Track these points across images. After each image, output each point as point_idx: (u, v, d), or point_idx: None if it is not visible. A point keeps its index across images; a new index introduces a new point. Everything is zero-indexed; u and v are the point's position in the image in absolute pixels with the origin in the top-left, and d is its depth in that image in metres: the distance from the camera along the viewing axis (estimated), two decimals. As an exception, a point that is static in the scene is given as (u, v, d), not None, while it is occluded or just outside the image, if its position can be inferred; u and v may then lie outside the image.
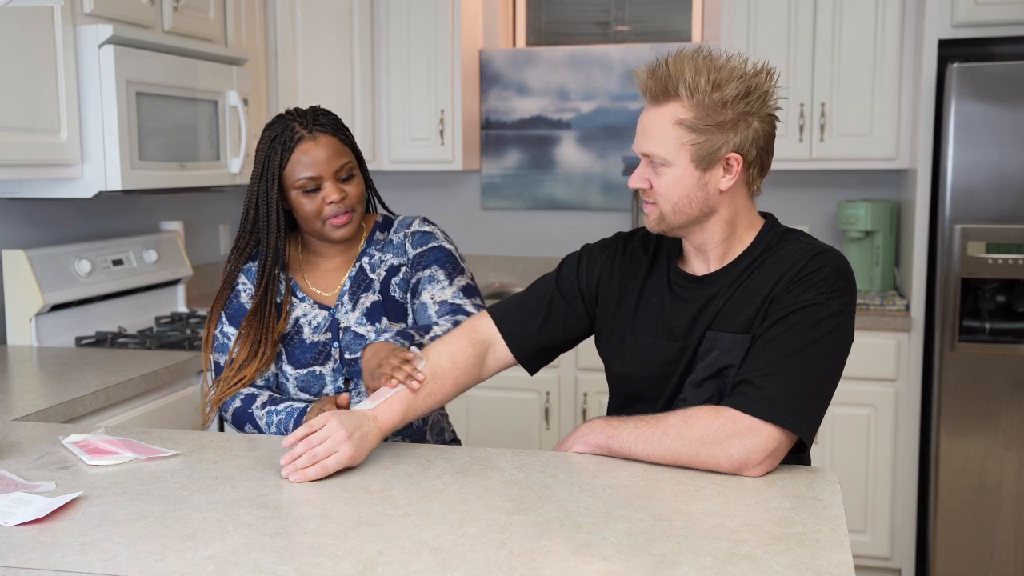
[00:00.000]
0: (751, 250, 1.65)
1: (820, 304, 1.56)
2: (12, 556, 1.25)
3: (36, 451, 1.71)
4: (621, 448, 1.61)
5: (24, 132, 2.49)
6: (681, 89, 1.54)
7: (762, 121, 1.58)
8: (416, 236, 2.01)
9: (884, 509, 3.45)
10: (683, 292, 1.68)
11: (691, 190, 1.58)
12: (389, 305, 1.95)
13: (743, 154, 1.57)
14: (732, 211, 1.63)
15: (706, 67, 1.54)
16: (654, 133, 1.58)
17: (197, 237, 3.85)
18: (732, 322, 1.62)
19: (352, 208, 1.91)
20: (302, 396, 1.97)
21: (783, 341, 1.54)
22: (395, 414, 1.65)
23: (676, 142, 1.56)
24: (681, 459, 1.55)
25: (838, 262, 1.61)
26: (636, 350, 1.71)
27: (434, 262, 1.97)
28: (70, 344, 2.93)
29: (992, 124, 3.18)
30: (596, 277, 1.78)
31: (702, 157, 1.56)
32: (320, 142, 1.89)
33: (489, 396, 3.66)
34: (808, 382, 1.54)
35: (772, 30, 3.61)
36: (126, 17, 2.83)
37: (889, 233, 3.69)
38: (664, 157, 1.58)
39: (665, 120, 1.57)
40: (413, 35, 3.97)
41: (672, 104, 1.56)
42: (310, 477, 1.52)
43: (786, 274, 1.59)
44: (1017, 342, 3.22)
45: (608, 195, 4.16)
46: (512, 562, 1.22)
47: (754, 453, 1.51)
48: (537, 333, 1.78)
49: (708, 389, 1.63)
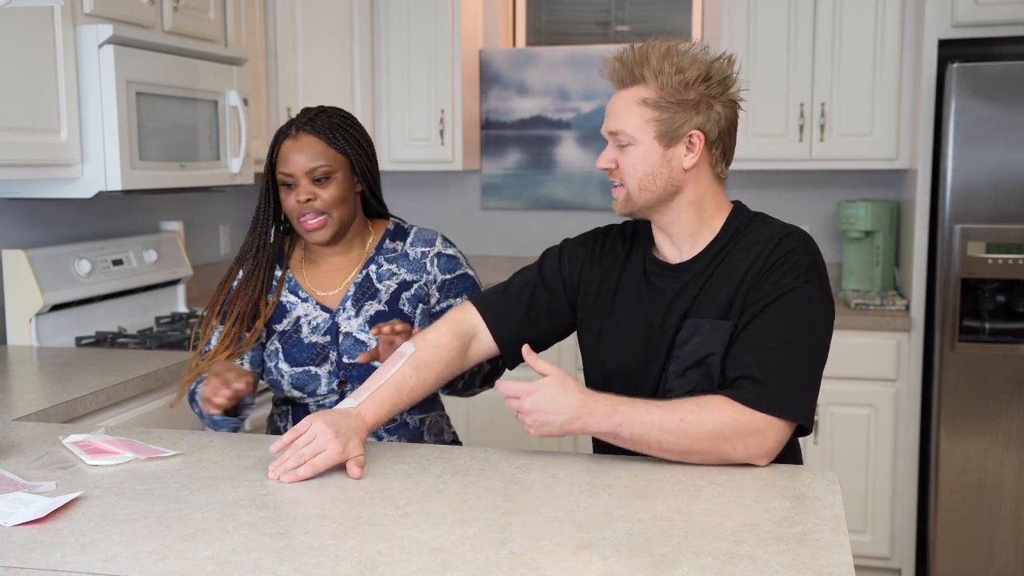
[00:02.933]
0: (721, 235, 1.68)
1: (799, 288, 1.60)
2: (12, 556, 1.25)
3: (36, 451, 1.71)
4: (631, 435, 1.55)
5: (24, 132, 2.49)
6: (646, 73, 1.62)
7: (724, 106, 1.64)
8: (442, 260, 2.02)
9: (884, 509, 3.45)
10: (658, 280, 1.71)
11: (655, 166, 1.64)
12: (395, 318, 1.95)
13: (705, 132, 1.63)
14: (698, 194, 1.67)
15: (669, 54, 1.62)
16: (620, 112, 1.65)
17: (197, 237, 3.85)
18: (708, 308, 1.64)
19: (323, 212, 1.91)
20: (295, 394, 1.98)
21: (774, 330, 1.58)
22: (379, 409, 1.65)
23: (640, 119, 1.63)
24: (693, 449, 1.55)
25: (804, 241, 1.65)
26: (614, 339, 1.73)
27: (464, 291, 2.02)
28: (70, 344, 2.93)
29: (992, 124, 3.18)
30: (578, 269, 1.80)
31: (664, 133, 1.62)
32: (300, 141, 1.90)
33: (489, 396, 3.64)
34: (805, 370, 1.60)
35: (772, 30, 3.61)
36: (126, 17, 2.83)
37: (889, 233, 3.69)
38: (629, 134, 1.64)
39: (631, 100, 1.64)
40: (413, 35, 3.97)
41: (638, 87, 1.64)
42: (301, 476, 1.52)
43: (757, 258, 1.63)
44: (1017, 342, 3.22)
45: (608, 195, 4.13)
46: (512, 562, 1.22)
47: (766, 446, 1.56)
48: (520, 324, 1.79)
49: (692, 378, 1.64)
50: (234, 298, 1.97)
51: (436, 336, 1.75)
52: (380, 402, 1.66)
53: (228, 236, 4.06)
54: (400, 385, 1.68)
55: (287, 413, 2.02)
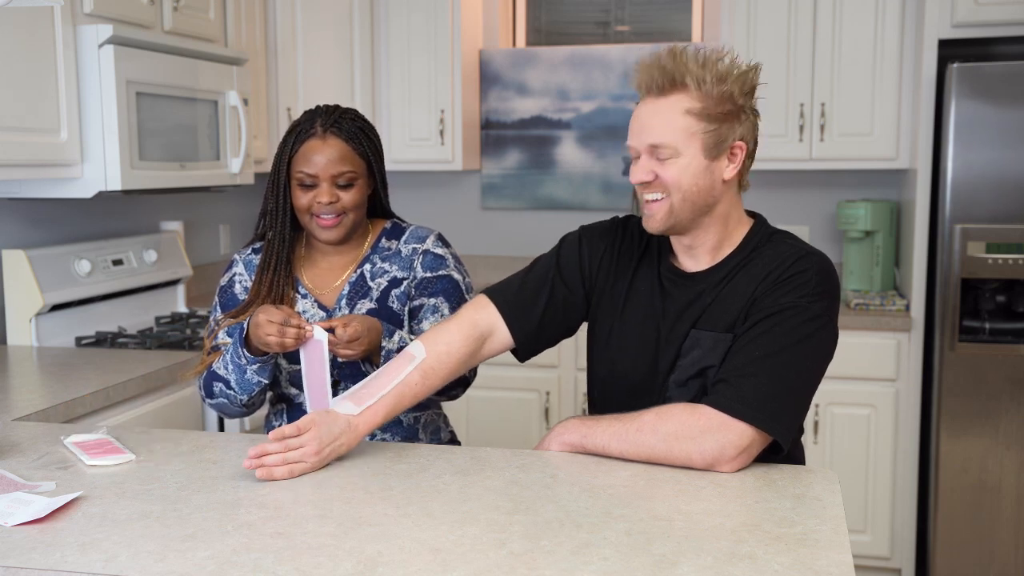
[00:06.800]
0: (741, 248, 1.66)
1: (801, 307, 1.56)
2: (12, 556, 1.25)
3: (36, 451, 1.71)
4: (595, 446, 1.61)
5: (24, 132, 2.49)
6: (688, 80, 1.56)
7: (754, 114, 1.63)
8: (428, 257, 2.00)
9: (884, 509, 3.45)
10: (672, 288, 1.69)
11: (699, 178, 1.59)
12: (384, 315, 1.95)
13: (746, 142, 1.62)
14: (728, 205, 1.65)
15: (708, 61, 1.58)
16: (660, 124, 1.58)
17: (197, 237, 3.85)
18: (717, 321, 1.62)
19: (342, 213, 1.92)
20: (291, 391, 1.99)
21: (763, 342, 1.55)
22: (377, 418, 1.64)
23: (686, 131, 1.57)
24: (655, 455, 1.56)
25: (822, 265, 1.61)
26: (624, 341, 1.72)
27: (441, 292, 1.97)
28: (70, 344, 2.93)
29: (992, 124, 3.18)
30: (598, 261, 1.77)
31: (712, 146, 1.58)
32: (328, 143, 1.90)
33: (489, 396, 3.66)
34: (785, 383, 1.54)
35: (772, 30, 3.61)
36: (126, 17, 2.83)
37: (889, 233, 3.69)
38: (674, 146, 1.58)
39: (673, 110, 1.58)
40: (413, 35, 3.97)
41: (678, 95, 1.58)
42: (275, 476, 1.52)
43: (770, 275, 1.60)
44: (1017, 342, 3.22)
45: (608, 195, 4.17)
46: (512, 562, 1.22)
47: (727, 449, 1.52)
48: (539, 320, 1.76)
49: (692, 389, 1.64)
50: (254, 299, 1.95)
51: (448, 340, 1.71)
52: (380, 412, 1.65)
53: (228, 236, 4.06)
54: (404, 392, 1.67)
55: (282, 412, 2.03)
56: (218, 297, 2.04)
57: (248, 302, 1.95)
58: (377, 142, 1.98)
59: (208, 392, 1.93)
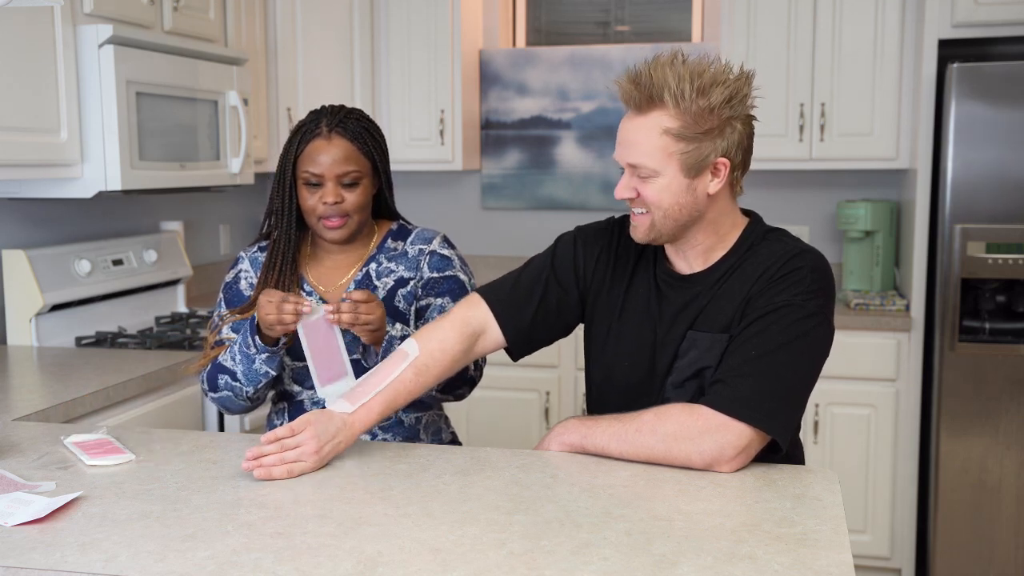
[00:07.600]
0: (735, 250, 1.66)
1: (796, 305, 1.56)
2: (12, 556, 1.25)
3: (36, 451, 1.71)
4: (594, 447, 1.62)
5: (24, 132, 2.49)
6: (666, 96, 1.53)
7: (743, 123, 1.59)
8: (434, 258, 2.01)
9: (884, 509, 3.45)
10: (668, 290, 1.69)
11: (680, 196, 1.58)
12: (389, 314, 1.96)
13: (730, 158, 1.58)
14: (717, 212, 1.64)
15: (688, 74, 1.53)
16: (639, 143, 1.57)
17: (197, 237, 3.85)
18: (713, 322, 1.62)
19: (347, 214, 1.92)
20: (294, 388, 1.99)
21: (758, 341, 1.55)
22: (372, 415, 1.64)
23: (664, 152, 1.55)
24: (654, 455, 1.56)
25: (817, 263, 1.61)
26: (621, 344, 1.72)
27: (447, 292, 1.99)
28: (70, 344, 2.93)
29: (992, 124, 3.18)
30: (593, 262, 1.76)
31: (691, 165, 1.56)
32: (333, 143, 1.91)
33: (489, 396, 3.66)
34: (781, 382, 1.55)
35: (772, 30, 3.61)
36: (126, 17, 2.83)
37: (889, 233, 3.69)
38: (652, 167, 1.57)
39: (651, 130, 1.55)
40: (413, 35, 3.97)
41: (657, 112, 1.55)
42: (273, 476, 1.52)
43: (764, 274, 1.60)
44: (1017, 342, 3.22)
45: (608, 195, 4.16)
46: (512, 562, 1.22)
47: (726, 449, 1.52)
48: (531, 319, 1.76)
49: (689, 390, 1.64)
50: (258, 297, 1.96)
51: (442, 338, 1.71)
52: (375, 409, 1.65)
53: (228, 236, 4.06)
54: (398, 390, 1.67)
55: (284, 411, 2.03)
56: (223, 293, 2.04)
57: (253, 300, 1.96)
58: (382, 142, 1.99)
59: (212, 386, 1.94)
